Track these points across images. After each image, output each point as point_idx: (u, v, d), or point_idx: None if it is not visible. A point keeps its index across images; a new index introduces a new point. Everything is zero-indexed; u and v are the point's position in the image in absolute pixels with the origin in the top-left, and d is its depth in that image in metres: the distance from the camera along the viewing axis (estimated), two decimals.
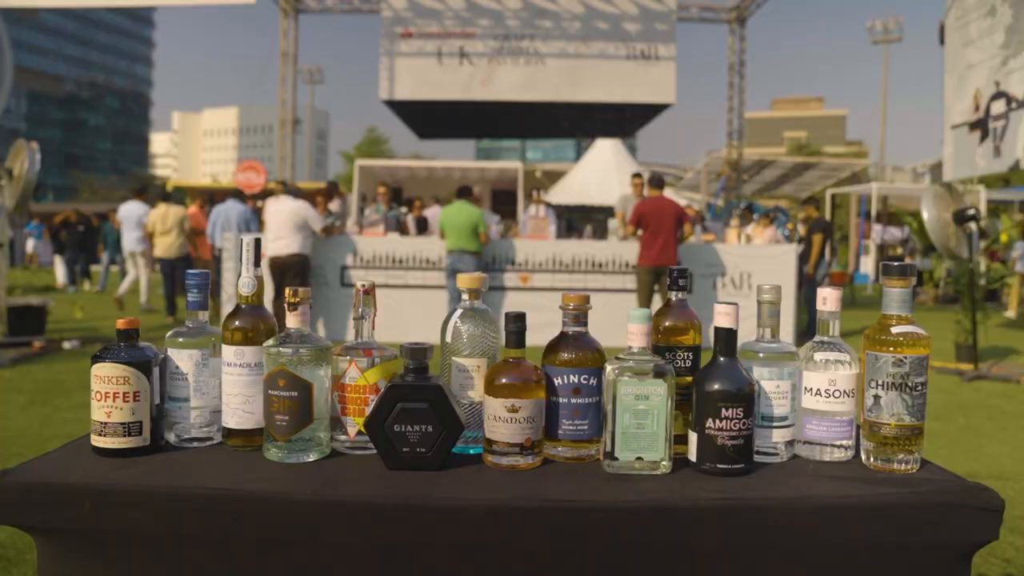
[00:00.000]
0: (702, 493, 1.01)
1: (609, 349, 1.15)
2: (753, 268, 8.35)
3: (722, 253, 8.45)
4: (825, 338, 1.16)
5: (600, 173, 22.01)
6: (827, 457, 1.14)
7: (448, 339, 1.16)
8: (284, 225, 7.81)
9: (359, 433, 1.11)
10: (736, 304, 1.09)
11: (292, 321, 1.12)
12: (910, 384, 1.07)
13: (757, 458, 1.11)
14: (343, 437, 1.13)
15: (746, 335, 1.16)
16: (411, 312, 7.71)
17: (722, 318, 1.10)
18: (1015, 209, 29.04)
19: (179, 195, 30.34)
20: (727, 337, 1.09)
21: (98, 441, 1.09)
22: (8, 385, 5.53)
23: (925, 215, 6.91)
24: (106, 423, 1.07)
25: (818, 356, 1.14)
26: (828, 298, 1.17)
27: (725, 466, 1.06)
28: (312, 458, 1.10)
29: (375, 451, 1.08)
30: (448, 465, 1.08)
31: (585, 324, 1.15)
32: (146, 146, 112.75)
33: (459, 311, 1.16)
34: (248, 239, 1.16)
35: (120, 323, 1.12)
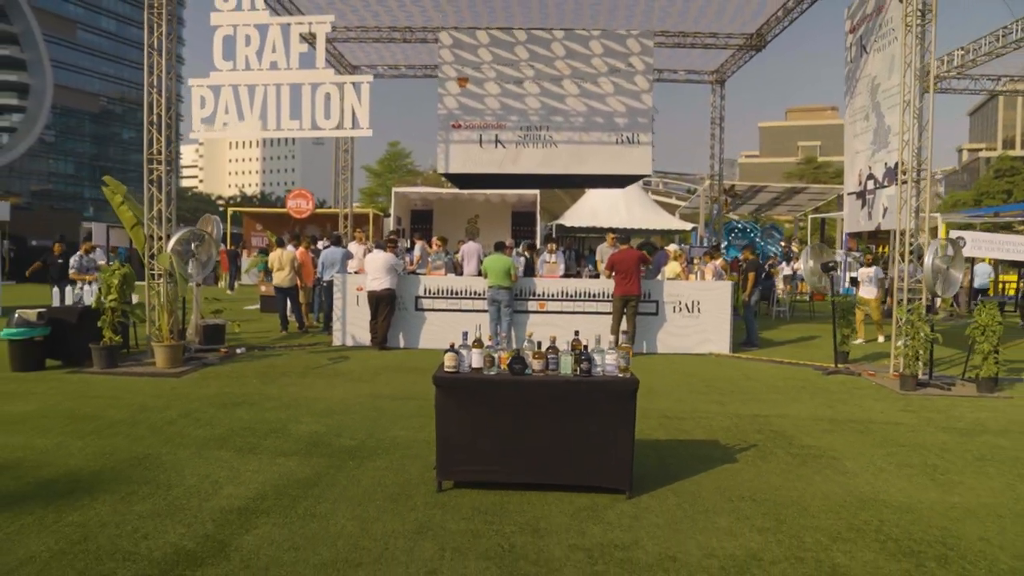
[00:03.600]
0: (578, 380, 4.76)
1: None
2: (701, 297, 12.05)
3: (681, 287, 12.16)
4: (611, 347, 4.90)
5: (609, 199, 25.52)
6: (614, 376, 4.87)
7: (523, 346, 4.91)
8: (379, 269, 11.62)
9: (504, 369, 4.87)
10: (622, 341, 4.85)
11: (488, 341, 4.90)
12: (625, 357, 4.82)
13: (595, 374, 4.85)
14: (499, 369, 4.89)
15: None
16: (464, 326, 11.50)
17: (582, 342, 4.86)
18: (978, 227, 32.31)
19: (203, 202, 34.07)
20: (585, 349, 4.85)
21: (449, 371, 4.84)
22: (237, 373, 9.34)
23: (803, 266, 10.57)
24: (446, 367, 4.83)
25: (608, 351, 4.88)
26: (617, 341, 4.91)
27: (584, 375, 4.80)
28: (494, 373, 4.84)
29: (511, 374, 4.82)
30: (525, 375, 4.83)
31: (556, 345, 4.89)
32: (177, 159, 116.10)
33: (526, 340, 4.93)
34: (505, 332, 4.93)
35: (452, 342, 4.89)
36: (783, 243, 32.07)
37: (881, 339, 13.63)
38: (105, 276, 9.50)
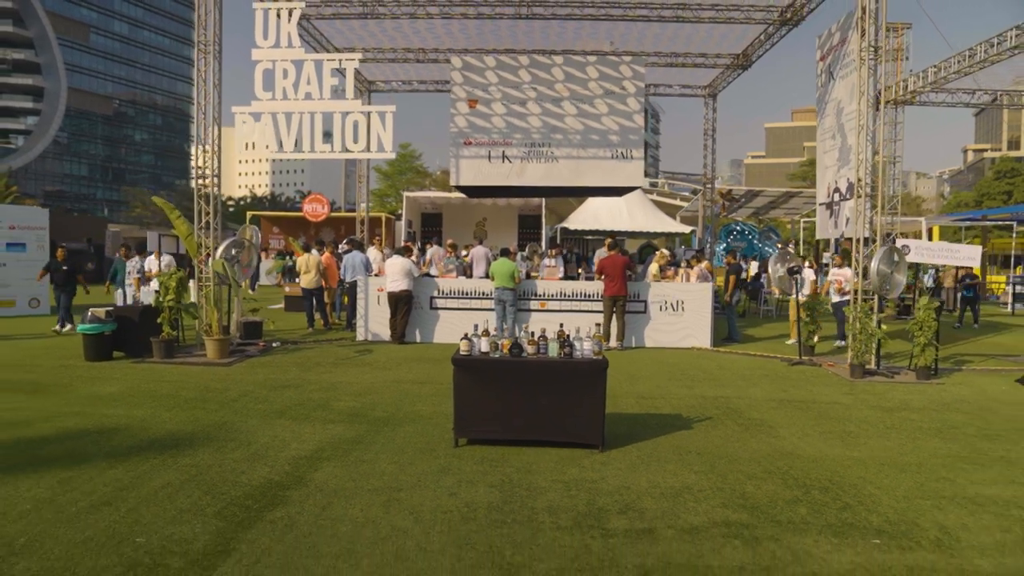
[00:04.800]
0: (562, 361, 6.23)
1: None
2: (685, 297, 13.50)
3: (667, 288, 13.61)
4: (588, 335, 6.36)
5: (612, 203, 26.84)
6: (590, 358, 6.32)
7: (520, 335, 6.38)
8: (398, 273, 13.10)
9: (505, 352, 6.33)
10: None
11: (494, 331, 6.37)
12: (599, 344, 6.28)
13: (575, 356, 6.30)
14: (502, 353, 6.35)
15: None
16: (472, 321, 12.98)
17: (565, 332, 6.33)
18: (964, 234, 33.59)
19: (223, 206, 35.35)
20: (567, 337, 6.32)
21: (463, 354, 6.31)
22: (277, 363, 10.84)
23: (770, 269, 11.98)
24: (461, 351, 6.30)
25: (586, 339, 6.33)
26: (609, 334, 6.38)
27: (567, 357, 6.26)
28: (498, 355, 6.31)
29: (511, 356, 6.29)
30: (522, 357, 6.29)
31: (545, 335, 6.35)
32: (187, 160, 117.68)
33: (522, 332, 6.40)
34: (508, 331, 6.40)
35: (466, 332, 6.36)
36: (780, 245, 33.40)
37: (791, 341, 13.94)
38: (163, 279, 11.01)
